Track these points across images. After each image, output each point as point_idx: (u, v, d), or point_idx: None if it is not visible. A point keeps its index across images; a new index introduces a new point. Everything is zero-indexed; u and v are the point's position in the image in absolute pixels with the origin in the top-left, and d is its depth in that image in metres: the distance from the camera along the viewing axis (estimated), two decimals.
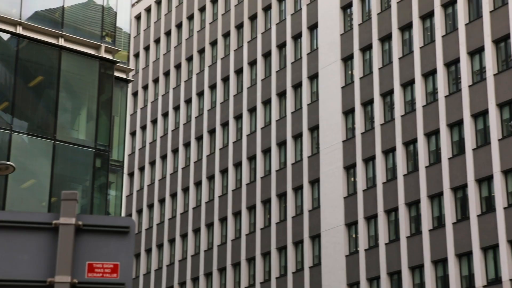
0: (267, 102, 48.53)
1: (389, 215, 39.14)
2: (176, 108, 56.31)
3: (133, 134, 59.49)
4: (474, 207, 35.13)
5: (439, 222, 36.80)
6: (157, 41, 59.75)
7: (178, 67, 57.20)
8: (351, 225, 40.92)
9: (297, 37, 47.51)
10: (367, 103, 41.76)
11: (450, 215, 36.02)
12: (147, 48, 60.67)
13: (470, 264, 35.02)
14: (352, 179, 41.61)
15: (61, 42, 24.15)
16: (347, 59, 43.58)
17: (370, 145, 40.71)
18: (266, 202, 46.71)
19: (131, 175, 58.36)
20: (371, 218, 40.00)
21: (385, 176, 39.70)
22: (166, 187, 54.90)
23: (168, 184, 54.77)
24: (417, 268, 37.20)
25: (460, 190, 36.22)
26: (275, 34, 48.91)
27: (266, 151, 47.57)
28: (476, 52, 36.94)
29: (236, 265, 47.76)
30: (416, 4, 40.03)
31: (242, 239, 47.38)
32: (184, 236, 52.62)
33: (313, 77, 45.58)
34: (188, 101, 55.29)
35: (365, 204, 40.20)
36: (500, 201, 34.08)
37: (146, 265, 55.34)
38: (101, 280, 5.79)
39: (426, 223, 36.94)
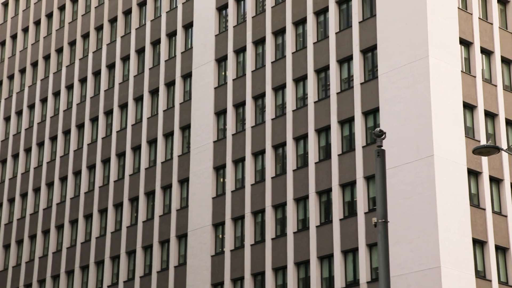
0: (139, 99, 47.91)
1: (256, 217, 39.65)
2: (44, 101, 54.56)
3: None
4: (337, 211, 36.21)
5: (303, 224, 37.66)
6: (26, 30, 57.61)
7: (47, 58, 55.42)
8: (218, 225, 41.12)
9: (172, 35, 47.23)
10: (239, 105, 42.13)
11: (314, 218, 36.94)
12: (14, 37, 58.36)
13: (330, 267, 36.07)
14: (222, 179, 41.85)
15: None
16: (221, 60, 43.78)
17: (241, 147, 41.09)
18: (134, 200, 46.09)
19: None
20: (238, 219, 40.36)
21: (254, 178, 40.19)
22: (17, 185, 52.99)
23: (31, 179, 52.91)
24: (280, 270, 37.88)
25: (324, 194, 37.23)
26: (149, 30, 48.39)
27: (136, 148, 46.95)
28: (345, 60, 38.12)
29: (100, 263, 46.79)
30: (289, 10, 40.82)
31: (107, 237, 46.49)
32: (60, 227, 51.02)
33: (187, 76, 45.47)
34: (57, 94, 53.69)
35: (233, 205, 40.51)
36: (361, 206, 35.32)
37: None
38: None
39: (291, 226, 37.71)
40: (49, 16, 56.17)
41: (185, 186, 43.57)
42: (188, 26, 46.41)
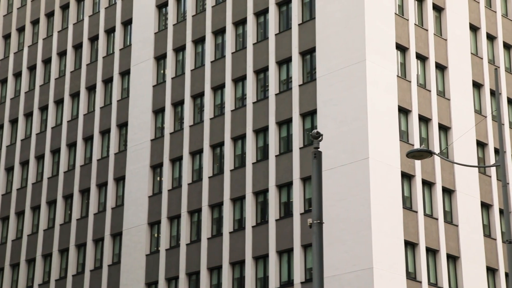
0: (75, 95, 47.20)
1: (192, 216, 39.55)
2: None
3: None
4: (273, 211, 36.42)
5: (239, 224, 37.74)
6: None
7: None
8: (154, 224, 40.85)
9: (110, 31, 46.68)
10: (178, 104, 41.95)
11: (250, 219, 37.07)
12: None
13: (265, 267, 36.25)
14: (158, 178, 41.59)
15: None
16: (160, 58, 43.51)
17: (178, 146, 40.92)
18: (68, 197, 45.38)
19: None
20: (174, 218, 40.18)
21: (191, 177, 40.08)
22: None
23: None
24: (215, 269, 37.88)
25: (261, 194, 37.41)
26: (87, 26, 47.71)
27: (72, 145, 46.24)
28: (284, 62, 38.39)
29: (31, 261, 45.89)
30: (230, 10, 40.86)
31: (40, 235, 45.64)
32: None
33: (125, 73, 45.02)
34: None
35: (169, 204, 40.31)
36: (297, 207, 35.61)
37: None
38: None
39: (227, 225, 37.75)
40: None
41: (121, 184, 43.13)
42: (127, 23, 45.95)
